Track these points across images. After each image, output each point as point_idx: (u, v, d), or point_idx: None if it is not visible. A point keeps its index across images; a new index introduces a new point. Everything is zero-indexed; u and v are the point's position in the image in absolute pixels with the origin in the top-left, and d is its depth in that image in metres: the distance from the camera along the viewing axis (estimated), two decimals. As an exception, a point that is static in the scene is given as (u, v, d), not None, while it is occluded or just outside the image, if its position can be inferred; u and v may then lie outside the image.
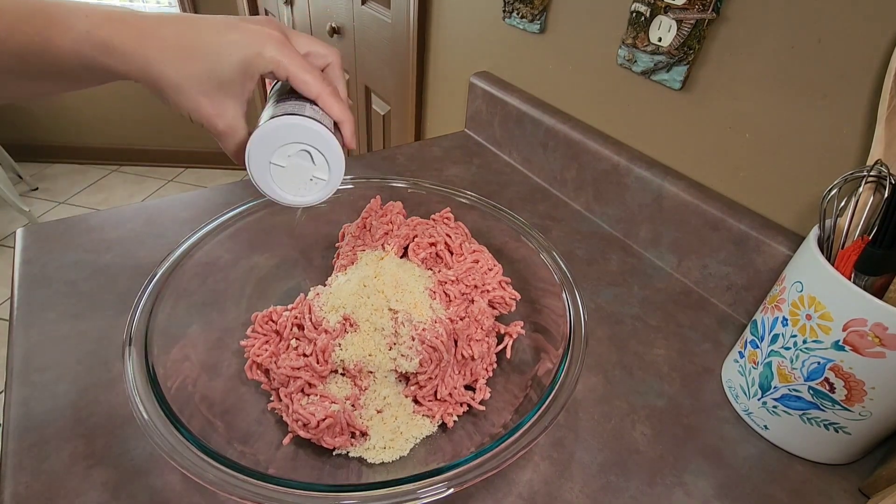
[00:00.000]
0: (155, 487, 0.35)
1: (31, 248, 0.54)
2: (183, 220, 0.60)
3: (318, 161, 0.32)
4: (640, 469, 0.40)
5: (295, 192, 0.33)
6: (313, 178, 0.33)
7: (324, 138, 0.31)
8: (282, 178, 0.32)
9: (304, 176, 0.33)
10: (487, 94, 0.80)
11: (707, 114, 0.55)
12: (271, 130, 0.30)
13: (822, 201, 0.39)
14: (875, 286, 0.36)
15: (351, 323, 0.39)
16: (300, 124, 0.30)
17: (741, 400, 0.45)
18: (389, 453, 0.37)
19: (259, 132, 0.30)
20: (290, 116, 0.30)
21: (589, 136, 0.66)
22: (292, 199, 0.34)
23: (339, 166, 0.33)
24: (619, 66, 0.61)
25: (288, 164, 0.32)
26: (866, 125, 0.43)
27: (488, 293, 0.44)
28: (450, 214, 0.50)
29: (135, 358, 0.33)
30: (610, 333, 0.52)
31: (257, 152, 0.31)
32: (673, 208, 0.58)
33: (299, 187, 0.33)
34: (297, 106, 0.32)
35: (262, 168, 0.32)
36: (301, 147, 0.31)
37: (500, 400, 0.40)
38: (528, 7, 0.70)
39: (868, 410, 0.37)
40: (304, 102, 0.32)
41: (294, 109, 0.31)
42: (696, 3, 0.50)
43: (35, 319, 0.47)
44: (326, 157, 0.32)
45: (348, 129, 0.34)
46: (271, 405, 0.39)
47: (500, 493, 0.37)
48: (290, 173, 0.32)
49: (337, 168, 0.33)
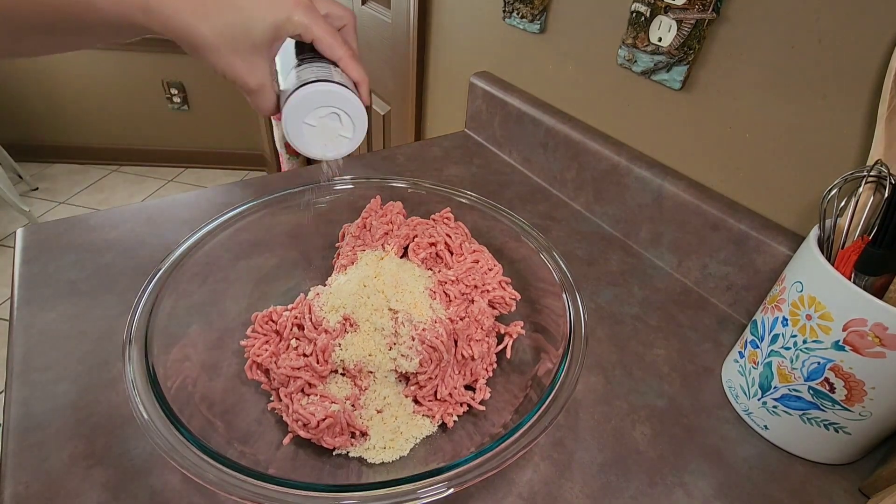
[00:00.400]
0: (155, 487, 0.35)
1: (31, 248, 0.54)
2: (183, 220, 0.60)
3: (344, 121, 0.36)
4: (640, 469, 0.40)
5: (323, 147, 0.37)
6: (340, 135, 0.37)
7: (353, 103, 0.35)
8: (312, 135, 0.36)
9: (332, 134, 0.37)
10: (487, 94, 0.80)
11: (707, 114, 0.55)
12: (309, 95, 0.34)
13: (822, 201, 0.39)
14: (875, 286, 0.36)
15: (351, 323, 0.39)
16: (334, 91, 0.34)
17: (741, 400, 0.45)
18: (389, 453, 0.37)
19: (297, 95, 0.34)
20: (324, 83, 0.34)
21: (589, 136, 0.66)
22: (320, 153, 0.38)
23: (363, 126, 0.37)
24: (619, 66, 0.61)
25: (319, 124, 0.36)
26: (866, 125, 0.43)
27: (488, 293, 0.44)
28: (450, 214, 0.50)
29: (135, 358, 0.33)
30: (610, 333, 0.52)
31: (294, 113, 0.35)
32: (673, 208, 0.58)
33: (327, 144, 0.37)
34: (324, 70, 0.35)
35: (296, 127, 0.35)
36: (332, 110, 0.35)
37: (500, 400, 0.40)
38: (528, 7, 0.70)
39: (868, 410, 0.37)
40: (328, 65, 0.36)
41: (323, 74, 0.35)
42: (696, 3, 0.50)
43: (35, 319, 0.47)
44: (353, 118, 0.36)
45: (365, 89, 0.37)
46: (271, 405, 0.39)
47: (500, 493, 0.37)
48: (320, 132, 0.36)
49: (360, 127, 0.37)
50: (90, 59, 2.20)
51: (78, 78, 2.26)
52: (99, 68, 2.24)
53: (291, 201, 0.49)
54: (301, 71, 0.35)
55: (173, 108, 2.39)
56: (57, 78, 2.25)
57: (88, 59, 2.21)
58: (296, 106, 0.34)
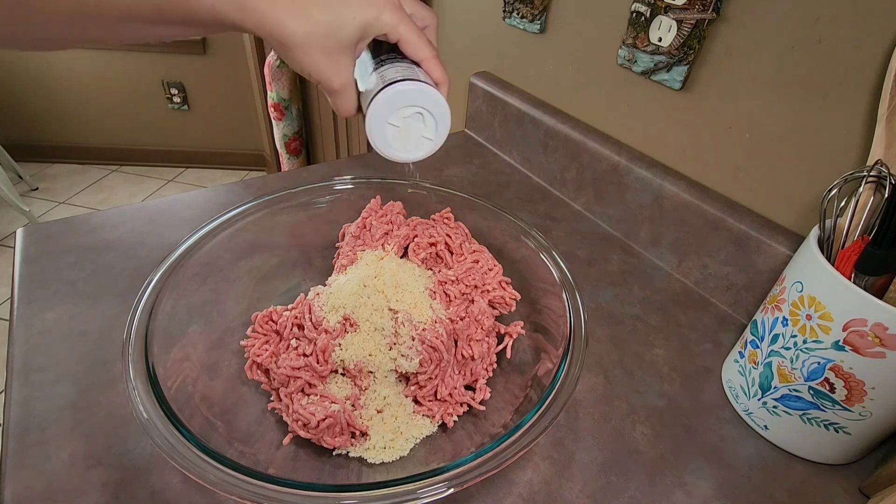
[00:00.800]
0: (155, 487, 0.35)
1: (31, 248, 0.54)
2: (183, 220, 0.60)
3: (428, 122, 0.36)
4: (641, 469, 0.40)
5: (405, 148, 0.37)
6: (422, 137, 0.36)
7: (439, 103, 0.35)
8: (395, 136, 0.36)
9: (414, 135, 0.36)
10: (487, 94, 0.80)
11: (707, 114, 0.55)
12: (396, 94, 0.33)
13: (823, 201, 0.39)
14: (875, 286, 0.36)
15: (351, 323, 0.39)
16: (423, 90, 0.34)
17: (741, 400, 0.45)
18: (389, 453, 0.37)
19: (385, 94, 0.33)
20: (412, 82, 0.33)
21: (589, 136, 0.66)
22: (402, 155, 0.37)
23: (446, 127, 0.36)
24: (619, 66, 0.61)
25: (402, 125, 0.35)
26: (866, 125, 0.43)
27: (488, 293, 0.44)
28: (450, 214, 0.50)
29: (135, 358, 0.33)
30: (610, 333, 0.52)
31: (379, 112, 0.34)
32: (673, 208, 0.58)
33: (408, 144, 0.36)
34: (409, 69, 0.34)
35: (380, 126, 0.35)
36: (417, 110, 0.35)
37: (500, 400, 0.40)
38: (528, 7, 0.70)
39: (868, 410, 0.37)
40: (411, 65, 0.35)
41: (408, 74, 0.34)
42: (696, 3, 0.50)
43: (35, 319, 0.47)
44: (436, 119, 0.35)
45: (445, 90, 0.37)
46: (271, 405, 0.39)
47: (500, 493, 0.37)
48: (403, 133, 0.36)
49: (443, 128, 0.36)
50: (90, 59, 2.20)
51: (78, 78, 2.26)
52: (99, 68, 2.24)
53: (291, 201, 0.49)
54: (384, 71, 0.34)
55: (173, 108, 2.39)
56: (57, 78, 2.25)
57: (88, 59, 2.21)
58: (383, 104, 0.33)
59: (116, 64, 2.23)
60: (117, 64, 2.23)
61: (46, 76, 2.23)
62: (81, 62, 2.21)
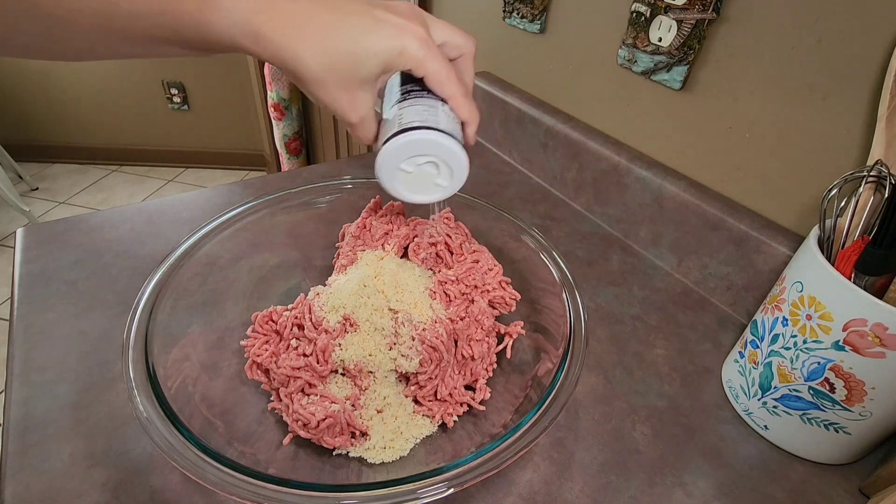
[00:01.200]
0: (155, 487, 0.35)
1: (31, 248, 0.54)
2: (183, 220, 0.60)
3: (442, 170, 0.34)
4: (641, 469, 0.40)
5: (415, 192, 0.35)
6: (435, 183, 0.35)
7: (456, 155, 0.33)
8: (407, 181, 0.34)
9: (427, 181, 0.34)
10: (487, 94, 0.80)
11: (707, 114, 0.55)
12: (407, 143, 0.31)
13: (822, 201, 0.39)
14: (875, 286, 0.36)
15: (351, 323, 0.39)
16: (437, 141, 0.32)
17: (741, 400, 0.45)
18: (389, 453, 0.37)
19: (395, 143, 0.31)
20: (428, 132, 0.31)
21: (589, 136, 0.66)
22: (413, 198, 0.36)
23: (462, 175, 0.34)
24: (619, 66, 0.61)
25: (415, 171, 0.33)
26: (866, 125, 0.43)
27: (488, 293, 0.44)
28: (450, 214, 0.50)
29: (135, 358, 0.33)
30: (610, 333, 0.52)
31: (389, 159, 0.32)
32: (673, 208, 0.58)
33: (420, 189, 0.35)
34: (430, 110, 0.32)
35: (390, 172, 0.33)
36: (430, 159, 0.33)
37: (500, 400, 0.40)
38: (528, 7, 0.70)
39: (868, 410, 0.37)
40: (435, 102, 0.33)
41: (428, 118, 0.32)
42: (696, 3, 0.50)
43: (35, 319, 0.47)
44: (452, 168, 0.34)
45: (472, 128, 0.35)
46: (271, 405, 0.39)
47: (500, 493, 0.37)
48: (415, 178, 0.34)
49: (459, 176, 0.34)
50: (90, 59, 2.20)
51: (78, 78, 2.26)
52: (99, 68, 2.24)
53: (291, 201, 0.49)
54: (405, 108, 0.33)
55: (173, 108, 2.39)
56: (57, 78, 2.25)
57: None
58: (394, 151, 0.32)
59: (116, 64, 2.23)
60: (117, 64, 2.23)
61: (46, 76, 2.24)
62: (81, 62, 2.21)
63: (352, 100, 0.31)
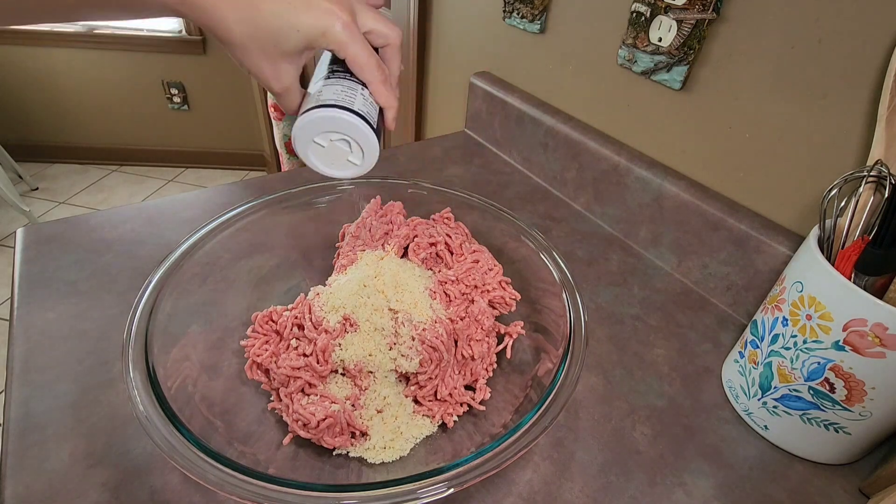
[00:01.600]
0: (155, 487, 0.35)
1: (31, 248, 0.54)
2: (183, 220, 0.60)
3: (354, 149, 0.36)
4: (640, 469, 0.40)
5: (330, 167, 0.37)
6: (348, 160, 0.37)
7: (364, 134, 0.35)
8: (320, 154, 0.36)
9: (340, 157, 0.37)
10: (487, 94, 0.80)
11: (707, 114, 0.55)
12: (318, 118, 0.34)
13: (823, 201, 0.39)
14: (875, 286, 0.36)
15: (351, 323, 0.39)
16: (346, 120, 0.34)
17: (741, 400, 0.45)
18: (389, 453, 0.37)
19: (308, 117, 0.34)
20: (339, 110, 0.33)
21: (589, 136, 0.66)
22: (327, 171, 0.38)
23: (372, 156, 0.36)
24: (619, 66, 0.61)
25: (328, 146, 0.36)
26: (866, 125, 0.43)
27: (488, 293, 0.44)
28: (450, 214, 0.50)
29: (135, 358, 0.33)
30: (610, 333, 0.52)
31: (303, 132, 0.34)
32: (673, 208, 0.58)
33: (335, 164, 0.37)
34: (348, 91, 0.35)
35: (304, 143, 0.35)
36: (342, 136, 0.35)
37: (500, 400, 0.40)
38: (528, 7, 0.70)
39: (868, 410, 0.37)
40: (356, 84, 0.35)
41: (344, 98, 0.34)
42: (696, 3, 0.50)
43: (35, 319, 0.47)
44: (363, 148, 0.36)
45: (391, 114, 0.37)
46: (271, 405, 0.39)
47: (500, 493, 0.37)
48: (329, 152, 0.36)
49: (370, 157, 0.36)
50: (90, 59, 2.20)
51: (78, 78, 2.26)
52: (99, 68, 2.24)
53: (291, 201, 0.49)
54: (327, 85, 0.35)
55: (173, 108, 2.39)
56: (57, 78, 2.25)
57: (88, 59, 2.21)
58: (306, 125, 0.34)
59: (116, 64, 2.23)
60: (117, 64, 2.23)
61: (46, 76, 2.23)
62: (81, 62, 2.21)
63: (274, 69, 0.33)
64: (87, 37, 2.13)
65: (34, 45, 2.14)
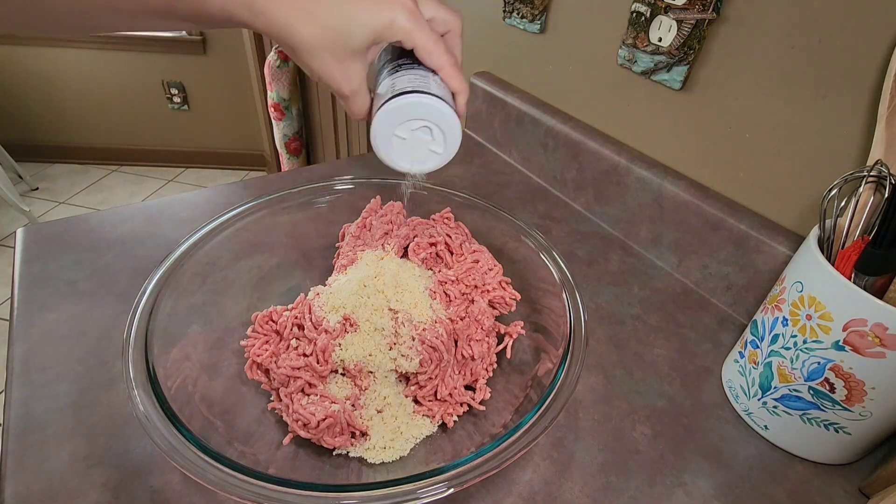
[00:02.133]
0: (155, 487, 0.35)
1: (31, 248, 0.54)
2: (183, 220, 0.60)
3: (436, 136, 0.34)
4: (640, 469, 0.40)
5: (411, 161, 0.35)
6: (430, 150, 0.35)
7: (448, 118, 0.33)
8: (401, 148, 0.34)
9: (422, 148, 0.35)
10: (487, 94, 0.80)
11: (707, 114, 0.55)
12: (402, 106, 0.32)
13: (823, 201, 0.39)
14: (875, 286, 0.36)
15: (351, 323, 0.39)
16: (429, 104, 0.32)
17: (741, 400, 0.45)
18: (389, 453, 0.37)
19: (389, 106, 0.32)
20: (420, 95, 0.32)
21: (589, 136, 0.66)
22: (407, 167, 0.36)
23: (456, 142, 0.34)
24: (619, 66, 0.61)
25: (409, 137, 0.34)
26: (866, 125, 0.43)
27: (488, 293, 0.44)
28: (450, 214, 0.50)
29: (135, 358, 0.33)
30: (610, 333, 0.52)
31: (384, 124, 0.33)
32: (673, 208, 0.58)
33: (416, 157, 0.35)
34: (422, 79, 0.33)
35: (385, 138, 0.33)
36: (424, 123, 0.33)
37: (500, 400, 0.40)
38: (528, 7, 0.70)
39: (868, 411, 0.37)
40: (426, 73, 0.34)
41: (420, 84, 0.33)
42: (696, 3, 0.50)
43: (35, 319, 0.47)
44: (445, 133, 0.34)
45: (463, 99, 0.36)
46: (271, 405, 0.39)
47: (500, 493, 0.37)
48: (410, 145, 0.34)
49: (453, 143, 0.34)
50: (90, 59, 2.21)
51: (78, 78, 2.26)
52: (99, 68, 2.24)
53: (291, 201, 0.49)
54: (397, 78, 0.34)
55: (173, 108, 2.39)
56: (57, 78, 2.25)
57: (88, 59, 2.21)
58: (387, 116, 0.32)
59: (116, 64, 2.23)
60: (117, 64, 2.23)
61: (46, 76, 2.24)
62: (81, 62, 2.21)
63: (344, 70, 0.32)
64: (87, 37, 2.13)
65: (34, 46, 2.14)
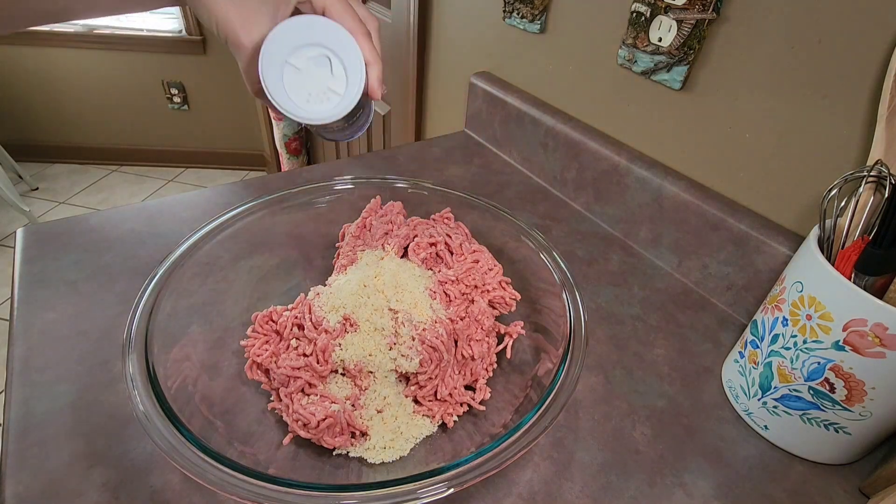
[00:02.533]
0: (155, 487, 0.35)
1: (31, 248, 0.54)
2: (183, 220, 0.60)
3: (336, 72, 0.30)
4: (640, 469, 0.40)
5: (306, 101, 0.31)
6: (329, 89, 0.31)
7: (351, 49, 0.29)
8: (294, 82, 0.30)
9: (319, 85, 0.30)
10: (487, 94, 0.80)
11: (707, 114, 0.55)
12: (297, 25, 0.28)
13: (823, 201, 0.39)
14: (875, 286, 0.36)
15: (351, 323, 0.39)
16: (330, 26, 0.29)
17: (741, 400, 0.45)
18: (389, 453, 0.37)
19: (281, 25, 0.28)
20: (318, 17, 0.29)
21: (589, 136, 0.66)
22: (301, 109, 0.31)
23: (359, 83, 0.31)
24: (619, 66, 0.61)
25: (304, 68, 0.30)
26: (866, 125, 0.43)
27: (488, 293, 0.44)
28: (450, 214, 0.50)
29: (135, 358, 0.33)
30: (610, 333, 0.52)
31: (275, 47, 0.29)
32: (673, 208, 0.58)
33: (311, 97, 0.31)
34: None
35: (275, 67, 0.29)
36: (322, 51, 0.29)
37: (500, 400, 0.40)
38: (528, 7, 0.70)
39: (868, 410, 0.37)
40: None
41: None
42: (696, 3, 0.50)
43: (35, 319, 0.47)
44: (347, 70, 0.30)
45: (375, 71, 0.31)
46: (271, 405, 0.39)
47: (500, 493, 0.37)
48: (305, 78, 0.30)
49: (355, 84, 0.30)
50: (90, 59, 2.20)
51: (78, 78, 2.26)
52: (99, 68, 2.24)
53: (291, 201, 0.49)
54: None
55: (173, 108, 2.39)
56: (57, 78, 2.25)
57: (89, 60, 2.21)
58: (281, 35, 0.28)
59: (116, 64, 2.23)
60: (117, 64, 2.23)
61: (46, 76, 2.23)
62: (81, 62, 2.21)
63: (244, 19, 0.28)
64: (87, 37, 2.13)
65: (34, 45, 2.14)
